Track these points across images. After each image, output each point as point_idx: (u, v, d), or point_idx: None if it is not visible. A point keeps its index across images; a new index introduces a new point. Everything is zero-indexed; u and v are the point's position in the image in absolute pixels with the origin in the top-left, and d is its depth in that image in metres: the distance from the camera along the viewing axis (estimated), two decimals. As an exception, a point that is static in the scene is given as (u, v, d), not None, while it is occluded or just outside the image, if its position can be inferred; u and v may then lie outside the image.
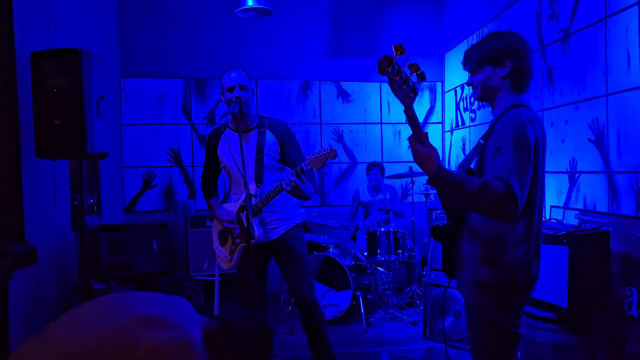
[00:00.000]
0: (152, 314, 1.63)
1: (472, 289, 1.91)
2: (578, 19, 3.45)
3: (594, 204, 3.34)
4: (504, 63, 1.91)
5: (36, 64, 3.08)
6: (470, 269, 1.91)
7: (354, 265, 4.63)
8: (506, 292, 1.86)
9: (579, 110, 3.46)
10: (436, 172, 1.74)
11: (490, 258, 1.85)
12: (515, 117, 1.83)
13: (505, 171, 1.72)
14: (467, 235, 1.93)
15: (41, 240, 3.28)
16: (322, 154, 2.65)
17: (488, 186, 1.70)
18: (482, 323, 1.90)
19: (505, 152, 1.76)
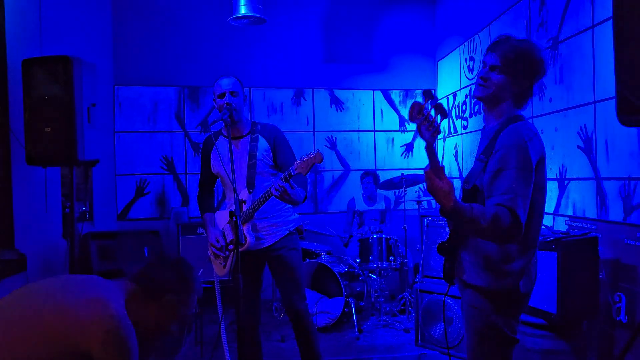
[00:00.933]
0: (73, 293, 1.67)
1: (476, 293, 1.96)
2: (566, 28, 3.49)
3: (583, 211, 3.36)
4: (520, 79, 1.91)
5: (27, 71, 3.08)
6: (475, 275, 1.95)
7: (346, 273, 4.63)
8: (509, 298, 1.92)
9: (568, 117, 3.49)
10: (453, 209, 1.76)
11: (495, 267, 1.91)
12: (516, 138, 1.83)
13: (509, 199, 1.78)
14: (472, 245, 1.98)
15: (31, 248, 3.28)
16: (308, 158, 2.65)
17: (497, 218, 1.76)
18: (483, 326, 1.94)
19: (509, 176, 1.80)
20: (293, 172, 2.65)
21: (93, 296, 1.65)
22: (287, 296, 2.96)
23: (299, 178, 2.76)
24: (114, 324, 1.59)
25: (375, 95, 6.08)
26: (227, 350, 3.05)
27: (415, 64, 6.14)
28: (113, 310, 1.61)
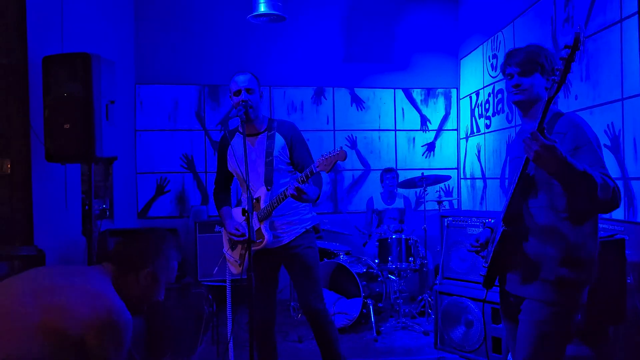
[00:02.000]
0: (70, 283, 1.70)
1: (547, 287, 1.91)
2: (593, 22, 3.37)
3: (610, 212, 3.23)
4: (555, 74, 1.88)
5: (47, 68, 3.11)
6: (549, 270, 1.91)
7: (364, 273, 4.57)
8: (584, 290, 1.92)
9: (594, 115, 3.37)
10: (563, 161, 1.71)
11: (567, 256, 1.89)
12: (581, 120, 1.90)
13: (601, 167, 1.81)
14: (538, 238, 1.94)
15: (50, 244, 3.30)
16: (331, 155, 2.61)
17: (606, 181, 1.77)
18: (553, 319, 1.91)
19: (591, 151, 1.83)
20: (315, 170, 2.62)
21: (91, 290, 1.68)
22: (304, 295, 2.93)
23: (315, 176, 2.72)
24: (112, 317, 1.63)
25: (397, 94, 6.01)
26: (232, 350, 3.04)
27: (437, 62, 6.04)
28: (110, 303, 1.66)
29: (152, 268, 1.84)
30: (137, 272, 1.82)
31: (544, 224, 1.92)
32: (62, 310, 1.61)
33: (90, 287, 1.70)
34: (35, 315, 1.59)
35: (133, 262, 1.83)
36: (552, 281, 1.90)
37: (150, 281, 1.84)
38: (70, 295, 1.65)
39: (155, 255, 1.86)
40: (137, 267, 1.82)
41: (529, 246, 1.95)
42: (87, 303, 1.63)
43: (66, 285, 1.69)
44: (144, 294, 1.84)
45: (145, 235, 1.93)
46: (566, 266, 1.88)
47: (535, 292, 1.94)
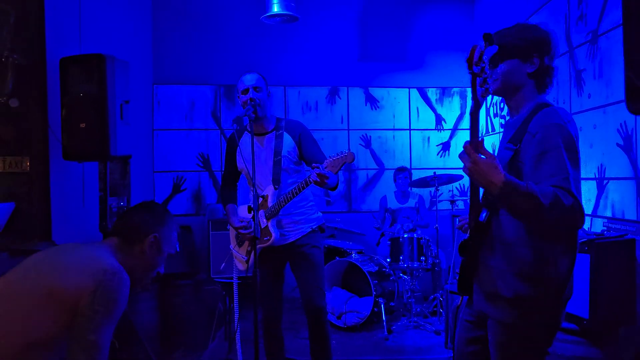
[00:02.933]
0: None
1: (506, 307, 1.71)
2: (607, 20, 3.33)
3: (622, 212, 3.20)
4: (533, 59, 1.77)
5: (65, 69, 3.21)
6: (507, 286, 1.70)
7: (376, 272, 4.58)
8: (549, 307, 1.69)
9: (607, 114, 3.33)
10: (505, 183, 1.52)
11: (532, 273, 1.67)
12: (554, 117, 1.66)
13: (563, 179, 1.56)
14: (500, 249, 1.73)
15: (68, 240, 3.39)
16: (339, 157, 2.62)
17: (558, 197, 1.52)
18: (516, 342, 1.72)
19: (556, 157, 1.59)
20: (323, 171, 2.63)
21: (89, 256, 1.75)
22: (307, 293, 2.96)
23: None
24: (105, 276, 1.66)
25: (411, 94, 6.00)
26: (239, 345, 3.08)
27: (452, 61, 6.01)
28: (105, 264, 1.70)
29: (157, 235, 1.88)
30: (142, 241, 1.86)
31: (509, 235, 1.72)
32: (59, 276, 1.66)
33: (88, 254, 1.76)
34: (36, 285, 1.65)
35: (138, 230, 1.88)
36: (511, 299, 1.69)
37: (155, 250, 1.89)
38: (69, 262, 1.72)
39: (159, 223, 1.92)
40: (142, 235, 1.87)
41: (493, 258, 1.76)
42: (82, 266, 1.69)
43: (66, 255, 1.77)
44: (149, 264, 1.88)
45: (147, 205, 1.98)
46: (528, 284, 1.67)
47: (495, 311, 1.75)
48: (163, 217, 1.95)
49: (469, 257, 1.82)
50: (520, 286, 1.67)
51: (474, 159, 1.54)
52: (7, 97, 3.25)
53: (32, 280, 1.68)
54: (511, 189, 1.53)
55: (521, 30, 1.80)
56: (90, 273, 1.66)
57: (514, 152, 1.70)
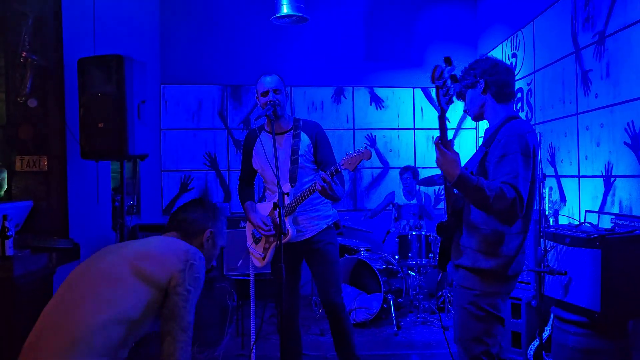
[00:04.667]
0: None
1: (467, 274, 2.15)
2: (614, 22, 3.41)
3: (630, 208, 3.28)
4: (479, 82, 2.23)
5: (82, 69, 3.25)
6: (468, 258, 2.14)
7: (385, 269, 4.65)
8: (497, 279, 2.11)
9: (615, 113, 3.42)
10: (460, 176, 1.96)
11: (488, 250, 2.10)
12: (518, 128, 2.09)
13: (513, 177, 1.99)
14: (467, 231, 2.17)
15: (84, 238, 3.44)
16: (357, 154, 2.70)
17: (502, 191, 1.96)
18: (470, 304, 2.12)
19: (512, 160, 2.02)
20: (340, 168, 2.72)
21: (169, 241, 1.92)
22: (324, 290, 3.02)
23: (339, 175, 2.82)
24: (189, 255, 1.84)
25: (416, 93, 6.07)
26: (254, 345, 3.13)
27: (456, 61, 6.05)
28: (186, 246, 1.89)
29: (212, 230, 2.03)
30: (200, 236, 2.00)
31: (474, 219, 2.14)
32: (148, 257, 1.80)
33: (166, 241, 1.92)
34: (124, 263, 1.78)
35: (196, 226, 2.00)
36: (468, 267, 2.13)
37: (211, 244, 2.04)
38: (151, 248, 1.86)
39: (213, 219, 2.06)
40: (199, 231, 2.00)
41: (461, 237, 2.19)
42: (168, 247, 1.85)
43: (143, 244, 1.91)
44: (206, 256, 1.98)
45: (200, 202, 2.10)
46: (485, 258, 2.09)
47: (459, 277, 2.19)
48: (216, 213, 2.08)
49: (444, 237, 2.27)
50: (479, 259, 2.11)
51: (441, 153, 1.98)
52: (25, 97, 3.30)
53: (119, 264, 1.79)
54: (464, 181, 1.96)
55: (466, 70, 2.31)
56: (176, 255, 1.81)
57: (484, 154, 2.15)
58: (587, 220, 3.56)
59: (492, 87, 2.21)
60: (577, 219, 3.73)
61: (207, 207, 2.08)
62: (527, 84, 4.75)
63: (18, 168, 3.32)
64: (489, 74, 2.22)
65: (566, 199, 4.02)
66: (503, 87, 2.21)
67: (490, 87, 2.21)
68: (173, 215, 2.08)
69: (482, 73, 2.23)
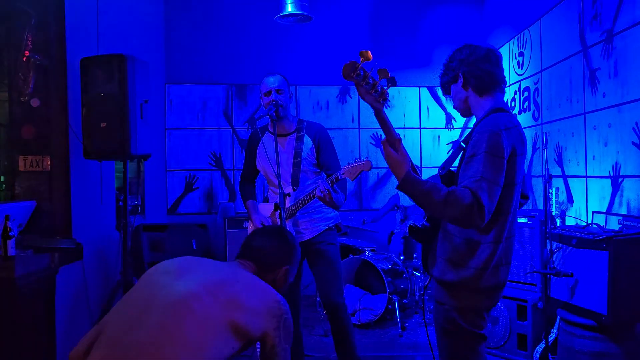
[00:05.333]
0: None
1: (438, 287, 1.96)
2: (622, 20, 3.36)
3: (638, 209, 3.23)
4: (458, 75, 2.02)
5: (85, 69, 3.24)
6: (438, 268, 1.95)
7: (390, 269, 4.62)
8: (469, 293, 1.88)
9: (623, 112, 3.36)
10: (404, 179, 1.79)
11: (457, 260, 1.89)
12: (491, 125, 1.84)
13: (475, 181, 1.75)
14: (442, 237, 1.97)
15: (87, 238, 3.44)
16: (357, 164, 2.70)
17: (454, 196, 1.72)
18: (444, 320, 1.93)
19: (478, 161, 1.78)
20: (340, 177, 2.70)
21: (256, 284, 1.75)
22: (325, 290, 3.00)
23: (341, 181, 2.81)
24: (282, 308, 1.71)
25: (422, 92, 6.03)
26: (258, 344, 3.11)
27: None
28: (275, 295, 1.74)
29: (288, 268, 1.92)
30: (275, 271, 1.89)
31: (447, 224, 1.95)
32: (241, 307, 1.64)
33: (255, 281, 1.76)
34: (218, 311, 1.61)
35: (274, 260, 1.89)
36: (439, 281, 1.94)
37: (283, 278, 1.92)
38: (241, 290, 1.68)
39: (290, 255, 1.95)
40: (276, 266, 1.90)
41: (436, 244, 2.00)
42: (259, 297, 1.69)
43: (232, 279, 1.73)
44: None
45: (281, 235, 1.99)
46: (453, 269, 1.89)
47: (433, 290, 2.01)
48: (294, 249, 1.97)
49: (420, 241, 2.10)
50: (446, 271, 1.90)
51: (387, 153, 1.82)
52: (28, 97, 3.29)
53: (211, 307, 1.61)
54: (410, 184, 1.78)
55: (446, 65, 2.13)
56: (268, 308, 1.68)
57: (463, 150, 1.93)
58: (594, 221, 3.51)
59: (471, 80, 1.98)
60: (584, 220, 3.68)
61: (286, 240, 1.96)
62: (534, 83, 4.69)
63: (21, 168, 3.32)
64: (465, 64, 2.00)
65: (573, 200, 3.97)
66: (483, 78, 1.97)
67: (469, 79, 1.99)
68: (250, 240, 1.96)
69: (459, 64, 2.02)
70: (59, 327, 3.04)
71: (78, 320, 3.41)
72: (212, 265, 1.82)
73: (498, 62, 2.03)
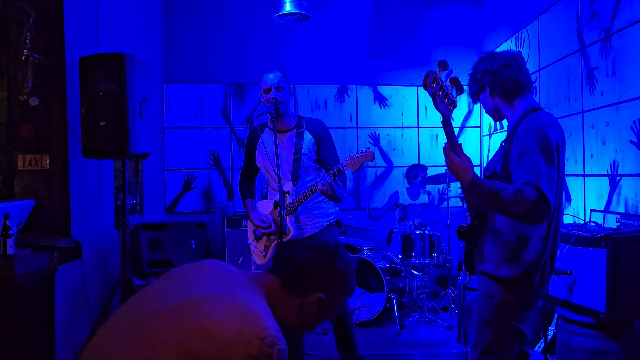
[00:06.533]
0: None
1: (490, 282, 2.03)
2: (620, 19, 3.37)
3: (636, 208, 3.24)
4: (484, 85, 2.13)
5: (84, 68, 3.24)
6: (491, 264, 2.03)
7: (388, 268, 4.63)
8: (521, 287, 1.99)
9: (620, 111, 3.38)
10: (471, 182, 1.85)
11: (511, 256, 1.98)
12: (535, 122, 1.95)
13: (534, 177, 1.82)
14: (491, 236, 2.04)
15: (86, 236, 3.43)
16: (360, 155, 2.70)
17: (522, 194, 1.80)
18: (490, 313, 2.01)
19: (531, 157, 1.86)
20: (342, 169, 2.70)
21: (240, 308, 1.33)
22: None
23: (341, 175, 2.81)
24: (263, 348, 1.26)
25: (420, 92, 6.03)
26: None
27: (460, 59, 6.01)
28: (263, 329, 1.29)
29: (324, 297, 1.47)
30: (305, 296, 1.46)
31: (498, 222, 2.02)
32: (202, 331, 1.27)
33: (239, 303, 1.34)
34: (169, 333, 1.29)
35: (306, 282, 1.47)
36: (491, 276, 2.01)
37: (315, 310, 1.47)
38: (214, 311, 1.31)
39: (335, 284, 1.51)
40: (308, 290, 1.47)
41: (485, 242, 2.07)
42: (234, 324, 1.28)
43: (210, 296, 1.35)
44: (302, 321, 1.49)
45: (331, 257, 1.51)
46: (506, 265, 1.98)
47: (482, 285, 2.08)
48: (343, 277, 1.52)
49: (467, 241, 2.16)
50: (502, 266, 1.99)
51: (449, 159, 1.88)
52: (27, 95, 3.28)
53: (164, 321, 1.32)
54: (477, 187, 1.85)
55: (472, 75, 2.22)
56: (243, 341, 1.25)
57: (505, 151, 2.02)
58: (592, 219, 3.52)
59: (497, 89, 2.09)
60: (582, 218, 3.69)
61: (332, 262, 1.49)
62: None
63: (20, 167, 3.31)
64: (489, 74, 2.10)
65: (571, 198, 3.99)
66: (506, 85, 2.07)
67: (494, 88, 2.09)
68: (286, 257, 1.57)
69: (483, 75, 2.12)
70: (58, 325, 3.04)
71: (77, 319, 3.40)
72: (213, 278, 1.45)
73: (520, 66, 2.13)
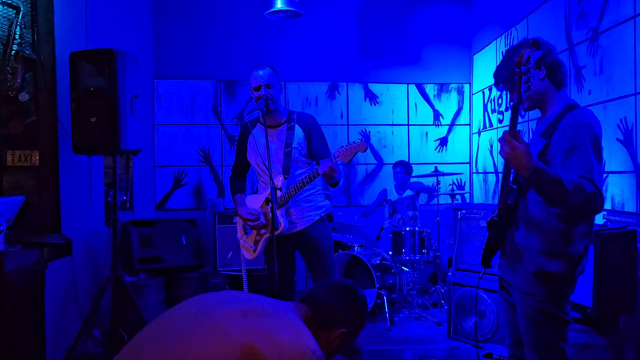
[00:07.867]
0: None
1: (531, 279, 1.99)
2: (607, 18, 3.42)
3: (622, 204, 3.29)
4: (541, 64, 2.00)
5: (74, 63, 3.23)
6: (531, 262, 1.99)
7: (378, 265, 4.66)
8: (565, 282, 1.98)
9: (608, 109, 3.43)
10: (536, 169, 1.79)
11: (553, 250, 1.95)
12: (583, 118, 1.92)
13: (588, 171, 1.83)
14: (526, 229, 2.01)
15: (76, 233, 3.42)
16: (352, 146, 2.69)
17: (581, 185, 1.79)
18: (535, 311, 1.98)
19: (583, 152, 1.85)
20: (335, 160, 2.70)
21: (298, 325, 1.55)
22: (319, 280, 3.02)
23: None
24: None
25: (410, 89, 6.07)
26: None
27: (450, 57, 6.09)
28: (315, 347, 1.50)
29: (347, 331, 1.68)
30: (330, 330, 1.66)
31: (534, 216, 1.98)
32: (267, 335, 1.44)
33: (295, 321, 1.55)
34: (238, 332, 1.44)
35: (333, 318, 1.67)
36: (533, 273, 1.98)
37: (337, 343, 1.68)
38: (277, 323, 1.50)
39: (355, 319, 1.73)
40: (334, 325, 1.67)
41: (518, 236, 2.03)
42: (293, 337, 1.48)
43: (274, 313, 1.54)
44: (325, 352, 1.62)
45: (353, 294, 1.75)
46: (547, 259, 1.95)
47: (519, 283, 2.03)
48: (362, 315, 1.75)
49: (494, 233, 2.11)
50: (543, 262, 1.95)
51: (512, 146, 1.80)
52: (17, 91, 3.26)
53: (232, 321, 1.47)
54: (540, 174, 1.79)
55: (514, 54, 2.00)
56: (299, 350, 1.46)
57: (544, 145, 1.96)
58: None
59: (555, 72, 2.01)
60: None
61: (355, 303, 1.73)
62: (520, 80, 4.75)
63: (9, 163, 3.28)
64: (548, 57, 2.01)
65: (559, 195, 4.03)
66: (557, 70, 2.01)
67: (552, 71, 2.00)
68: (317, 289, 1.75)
69: (542, 58, 1.99)
70: (48, 321, 3.03)
71: (67, 315, 3.39)
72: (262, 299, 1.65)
73: None
